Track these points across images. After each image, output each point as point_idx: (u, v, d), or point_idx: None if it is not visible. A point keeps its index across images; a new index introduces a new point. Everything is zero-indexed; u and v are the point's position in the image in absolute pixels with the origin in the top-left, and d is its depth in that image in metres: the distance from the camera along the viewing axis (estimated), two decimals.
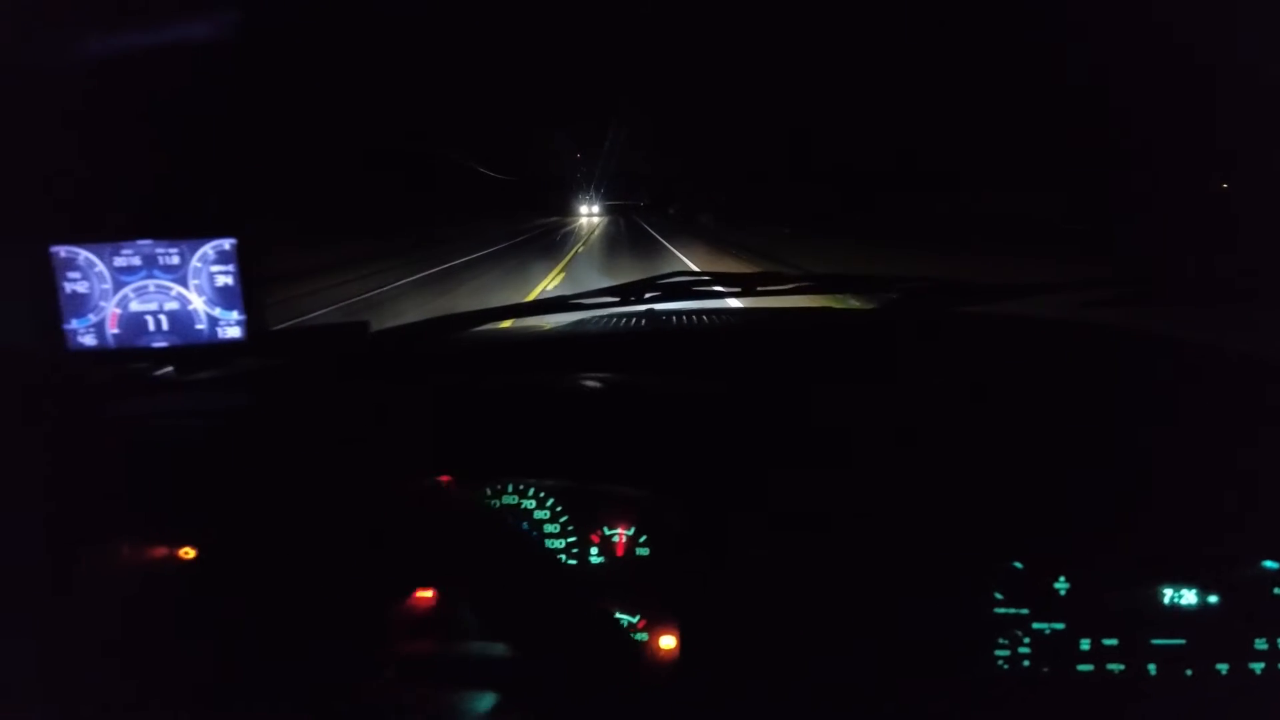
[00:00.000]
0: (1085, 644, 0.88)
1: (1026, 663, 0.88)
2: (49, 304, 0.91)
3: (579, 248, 21.60)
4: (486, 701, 0.84)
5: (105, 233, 0.92)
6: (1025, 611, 0.89)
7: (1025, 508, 0.91)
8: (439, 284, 11.55)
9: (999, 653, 0.88)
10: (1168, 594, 0.88)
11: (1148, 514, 0.89)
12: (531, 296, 8.49)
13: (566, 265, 15.02)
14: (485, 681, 0.86)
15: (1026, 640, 0.88)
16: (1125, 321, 1.22)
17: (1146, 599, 0.88)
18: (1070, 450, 0.95)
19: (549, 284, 11.48)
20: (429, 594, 0.98)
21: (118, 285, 0.93)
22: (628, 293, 1.28)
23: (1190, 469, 0.92)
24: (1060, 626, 0.88)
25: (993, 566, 0.90)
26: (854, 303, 1.36)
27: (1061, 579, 0.89)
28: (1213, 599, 0.88)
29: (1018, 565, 0.89)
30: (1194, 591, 0.88)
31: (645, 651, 0.92)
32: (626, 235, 29.20)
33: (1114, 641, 0.87)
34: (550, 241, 25.00)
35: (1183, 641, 0.87)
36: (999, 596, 0.89)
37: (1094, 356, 1.07)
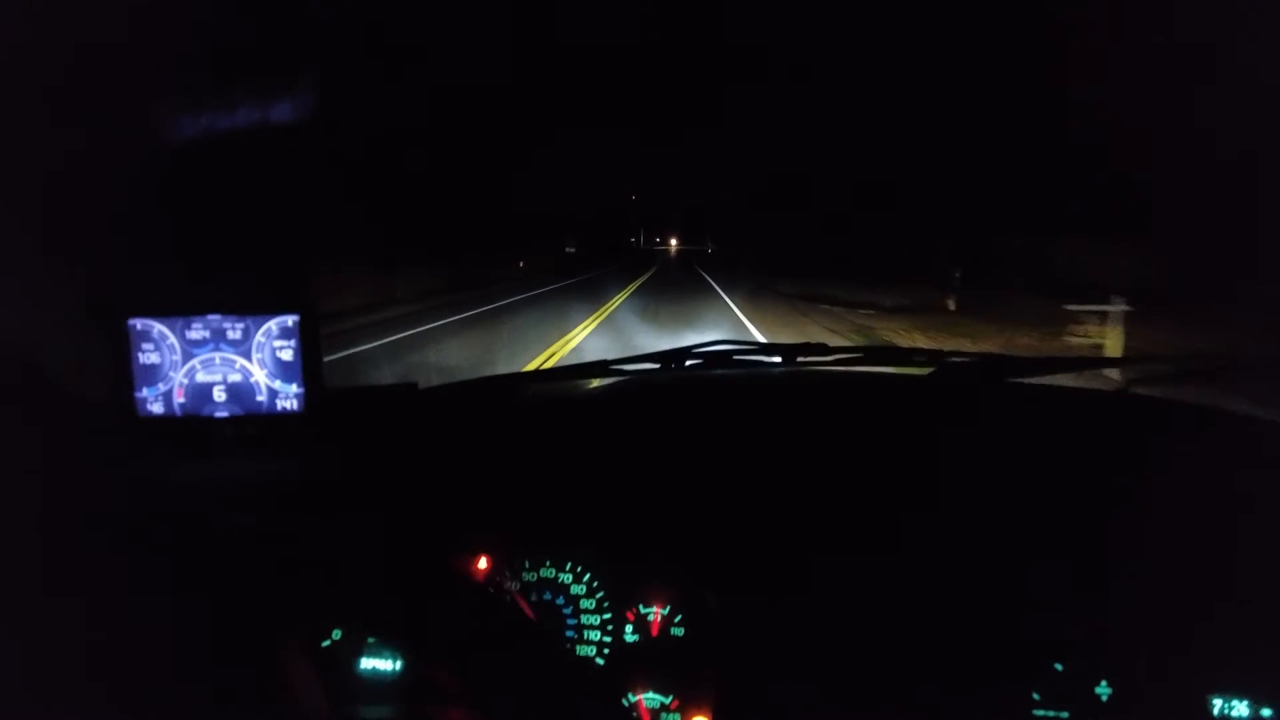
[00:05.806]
0: None
1: None
2: (124, 373, 0.97)
3: None
4: None
5: (178, 307, 0.98)
6: (1065, 715, 0.87)
7: (1066, 607, 0.90)
8: None
9: None
10: (1217, 704, 0.85)
11: (1196, 619, 0.87)
12: None
13: None
14: None
15: None
16: (1180, 397, 1.19)
17: (1195, 709, 0.85)
18: (1114, 546, 0.93)
19: None
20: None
21: (187, 357, 0.98)
22: (668, 360, 1.30)
23: (1244, 571, 0.89)
24: None
25: (1031, 666, 0.89)
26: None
27: (1103, 683, 0.87)
28: (1266, 712, 0.85)
29: (1058, 666, 0.88)
30: (1245, 704, 0.85)
31: None
32: None
33: None
34: None
35: None
36: (1036, 697, 0.88)
37: (1143, 440, 1.04)
